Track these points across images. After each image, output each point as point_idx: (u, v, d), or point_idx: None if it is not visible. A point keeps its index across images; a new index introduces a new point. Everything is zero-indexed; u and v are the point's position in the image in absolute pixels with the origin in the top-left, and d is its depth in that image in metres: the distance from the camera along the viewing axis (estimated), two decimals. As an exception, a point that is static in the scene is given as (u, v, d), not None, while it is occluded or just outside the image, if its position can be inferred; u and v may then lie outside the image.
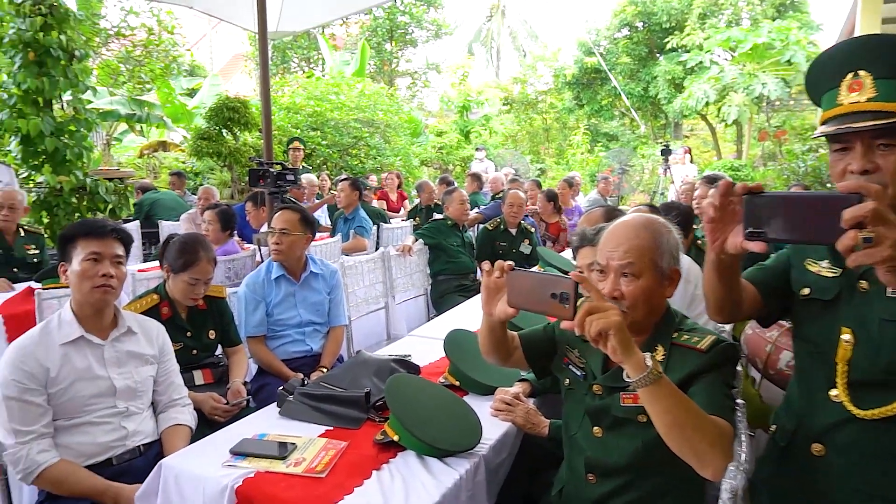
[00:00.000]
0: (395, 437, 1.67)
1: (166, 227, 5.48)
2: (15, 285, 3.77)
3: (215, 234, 3.84)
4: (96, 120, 7.37)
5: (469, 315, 3.23)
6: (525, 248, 4.85)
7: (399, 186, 8.41)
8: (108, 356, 1.90)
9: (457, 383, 2.13)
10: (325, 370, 2.72)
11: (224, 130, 7.03)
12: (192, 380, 2.36)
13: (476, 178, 7.39)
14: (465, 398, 1.99)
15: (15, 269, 4.06)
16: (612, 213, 2.41)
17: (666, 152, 9.74)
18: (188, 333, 2.39)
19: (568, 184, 6.66)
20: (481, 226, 4.96)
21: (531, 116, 19.90)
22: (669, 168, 9.80)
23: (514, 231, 4.81)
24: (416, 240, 4.24)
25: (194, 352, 2.40)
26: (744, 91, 11.91)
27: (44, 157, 6.54)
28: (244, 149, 6.87)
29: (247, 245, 4.40)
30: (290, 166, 3.84)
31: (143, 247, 5.77)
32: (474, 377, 2.09)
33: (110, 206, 7.11)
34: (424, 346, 2.71)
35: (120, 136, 14.55)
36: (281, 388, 2.05)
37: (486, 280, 1.43)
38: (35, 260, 4.15)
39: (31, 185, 6.72)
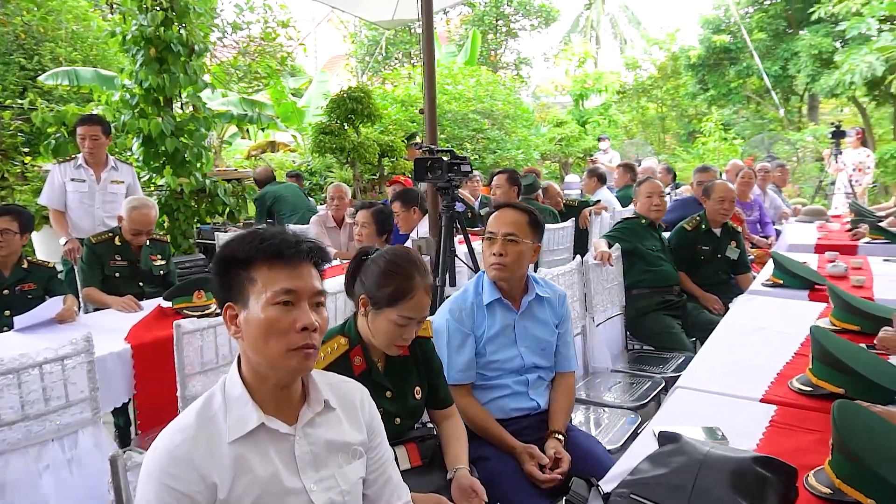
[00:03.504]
0: None
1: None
2: (142, 303, 3.23)
3: (370, 239, 3.13)
4: (215, 119, 7.02)
5: (724, 350, 2.30)
6: (732, 251, 3.85)
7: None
8: (300, 453, 1.15)
9: (869, 504, 1.22)
10: (560, 437, 1.89)
11: (345, 124, 6.44)
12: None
13: (629, 168, 6.38)
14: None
15: (141, 284, 3.55)
16: None
17: (838, 135, 8.30)
18: (388, 394, 1.62)
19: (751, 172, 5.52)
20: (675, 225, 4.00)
21: (644, 105, 18.43)
22: (841, 153, 8.34)
23: (718, 231, 3.82)
24: (611, 244, 3.35)
25: (397, 420, 1.63)
26: (922, 61, 10.10)
27: (164, 158, 6.20)
28: (368, 143, 6.25)
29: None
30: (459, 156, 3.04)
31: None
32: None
33: (229, 209, 6.73)
34: (695, 403, 1.83)
35: (229, 139, 14.61)
36: (564, 501, 1.23)
37: None
38: (162, 272, 3.61)
39: (153, 189, 6.42)
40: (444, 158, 2.90)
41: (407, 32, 17.34)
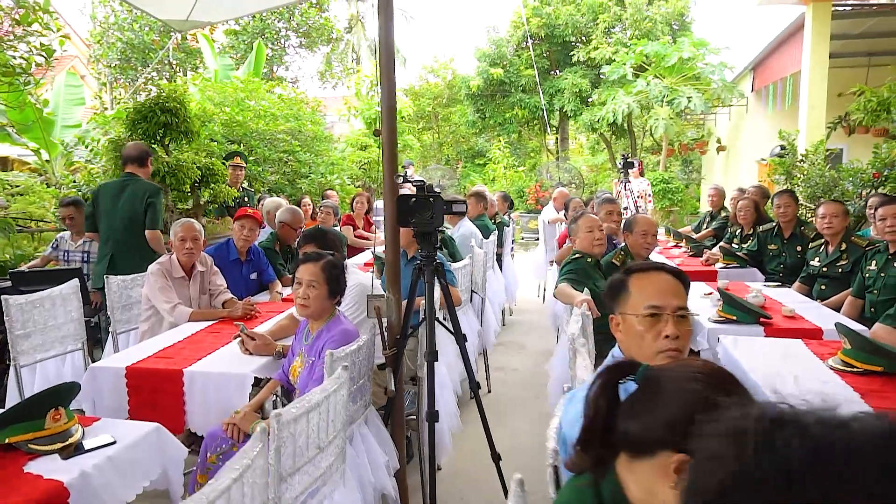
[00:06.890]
0: None
1: (117, 287, 3.60)
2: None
3: (319, 303, 2.28)
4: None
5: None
6: (651, 285, 3.77)
7: (368, 211, 6.93)
8: None
9: None
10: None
11: (152, 142, 5.09)
12: None
13: (481, 197, 6.16)
14: None
15: None
16: None
17: (628, 165, 9.25)
18: None
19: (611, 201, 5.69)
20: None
21: (420, 131, 18.91)
22: (630, 181, 9.33)
23: (641, 265, 3.72)
24: (576, 288, 2.97)
25: None
26: (667, 104, 11.93)
27: None
28: (186, 166, 4.99)
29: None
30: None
31: (89, 315, 3.69)
32: None
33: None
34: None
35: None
36: None
37: None
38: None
39: None
40: (441, 196, 2.22)
41: (166, 39, 15.28)
